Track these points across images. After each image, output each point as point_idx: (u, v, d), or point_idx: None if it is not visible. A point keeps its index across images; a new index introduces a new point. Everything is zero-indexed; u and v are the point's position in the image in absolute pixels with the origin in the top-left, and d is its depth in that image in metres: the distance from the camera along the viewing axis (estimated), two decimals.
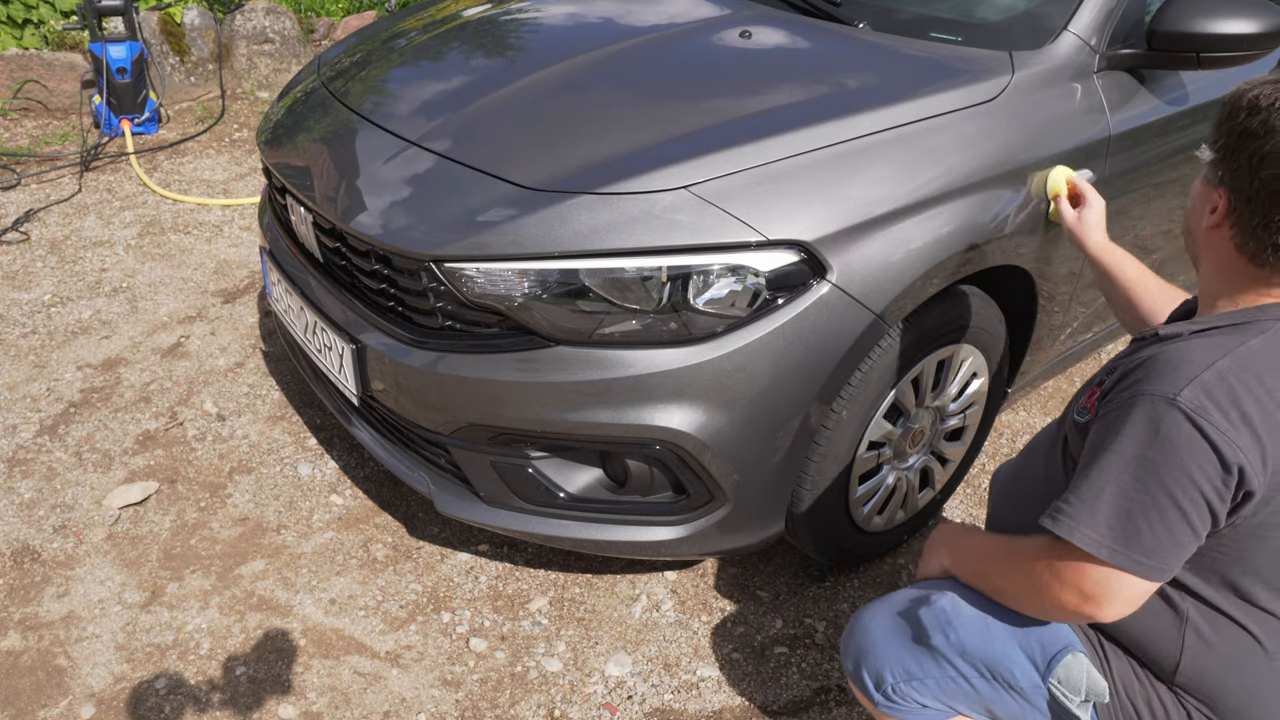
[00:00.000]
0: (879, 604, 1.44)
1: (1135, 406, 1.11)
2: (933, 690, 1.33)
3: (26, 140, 4.23)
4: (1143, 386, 1.12)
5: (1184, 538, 1.11)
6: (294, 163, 2.06)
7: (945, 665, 1.32)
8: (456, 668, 1.93)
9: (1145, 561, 1.11)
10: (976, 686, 1.31)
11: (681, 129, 1.77)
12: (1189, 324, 1.20)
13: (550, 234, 1.63)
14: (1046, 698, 1.28)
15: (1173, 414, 1.08)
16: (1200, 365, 1.10)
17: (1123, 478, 1.11)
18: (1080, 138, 1.94)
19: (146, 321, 3.01)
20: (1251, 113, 1.12)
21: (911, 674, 1.34)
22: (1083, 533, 1.12)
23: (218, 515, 2.28)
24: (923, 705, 1.35)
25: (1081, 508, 1.13)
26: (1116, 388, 1.18)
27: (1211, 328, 1.17)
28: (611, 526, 1.83)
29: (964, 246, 1.75)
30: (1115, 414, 1.14)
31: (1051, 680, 1.26)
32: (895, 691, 1.35)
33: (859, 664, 1.40)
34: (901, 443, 2.01)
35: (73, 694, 1.84)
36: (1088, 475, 1.14)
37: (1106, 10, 1.99)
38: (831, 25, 2.19)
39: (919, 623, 1.34)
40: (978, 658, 1.30)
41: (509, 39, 2.29)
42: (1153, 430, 1.09)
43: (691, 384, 1.64)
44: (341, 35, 5.04)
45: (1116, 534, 1.11)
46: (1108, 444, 1.13)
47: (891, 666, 1.35)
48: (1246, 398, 1.08)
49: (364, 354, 1.88)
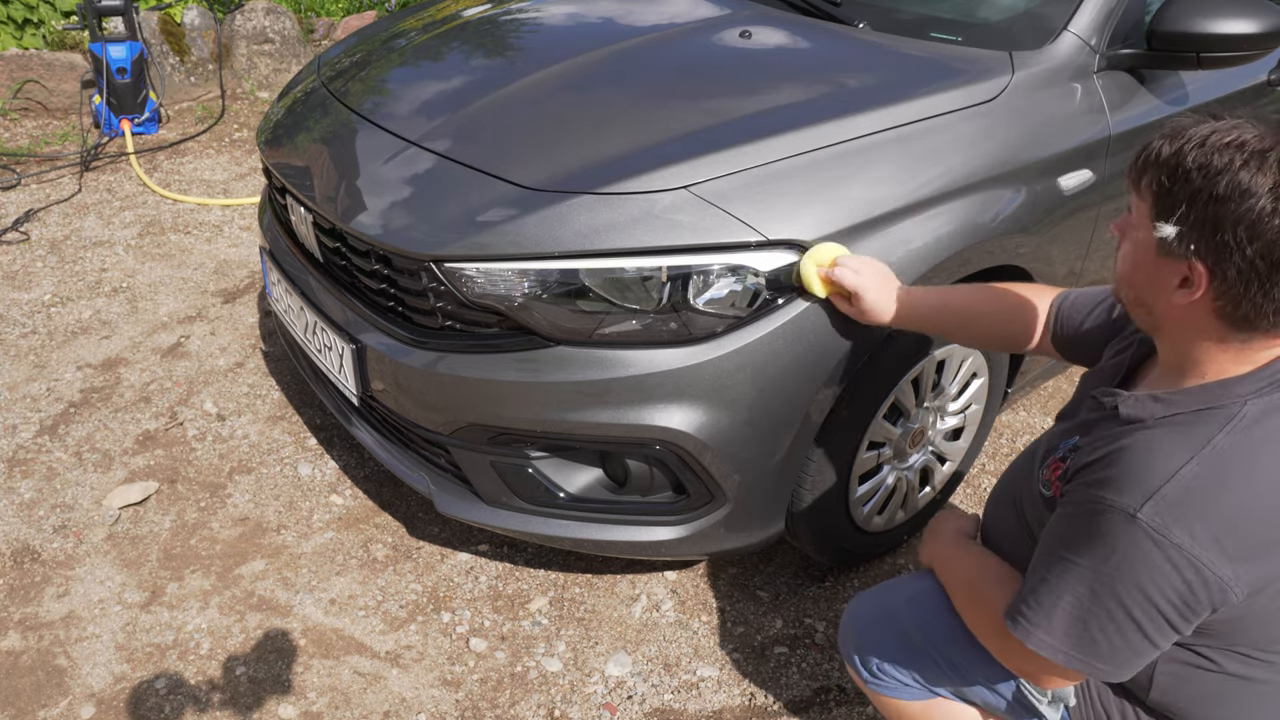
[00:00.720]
0: (871, 591, 1.53)
1: (1095, 517, 1.07)
2: (914, 674, 1.40)
3: (26, 140, 4.23)
4: (1104, 494, 1.07)
5: (1142, 649, 1.09)
6: (294, 163, 2.06)
7: (924, 654, 1.39)
8: (456, 668, 1.93)
9: (1102, 667, 1.11)
10: (950, 675, 1.38)
11: (681, 129, 1.77)
12: (1154, 404, 1.12)
13: (550, 234, 1.63)
14: (1014, 693, 1.32)
15: (1132, 531, 1.03)
16: (1164, 473, 1.03)
17: (1078, 589, 1.09)
18: (1080, 138, 1.94)
19: (146, 321, 3.01)
20: (1207, 174, 1.00)
21: (895, 658, 1.42)
22: (1038, 638, 1.13)
23: (218, 515, 2.28)
24: (904, 684, 1.42)
25: (1039, 614, 1.13)
26: (1079, 477, 1.14)
27: (1175, 414, 1.10)
28: (611, 526, 1.83)
29: (964, 246, 1.75)
30: (1074, 517, 1.11)
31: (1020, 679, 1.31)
32: (881, 670, 1.43)
33: (849, 643, 1.48)
34: (901, 443, 2.01)
35: (73, 694, 1.84)
36: (1046, 580, 1.13)
37: (1106, 10, 1.99)
38: (831, 25, 2.19)
39: (901, 614, 1.43)
40: (951, 653, 1.36)
41: (509, 39, 2.29)
42: (1111, 546, 1.05)
43: (691, 384, 1.64)
44: (341, 35, 5.04)
45: (1073, 641, 1.11)
46: (1065, 549, 1.11)
47: (875, 649, 1.43)
48: (1212, 512, 1.02)
49: (364, 354, 1.88)
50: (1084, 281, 2.15)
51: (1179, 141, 1.04)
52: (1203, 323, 1.08)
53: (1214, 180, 1.00)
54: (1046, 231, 1.92)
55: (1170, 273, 1.07)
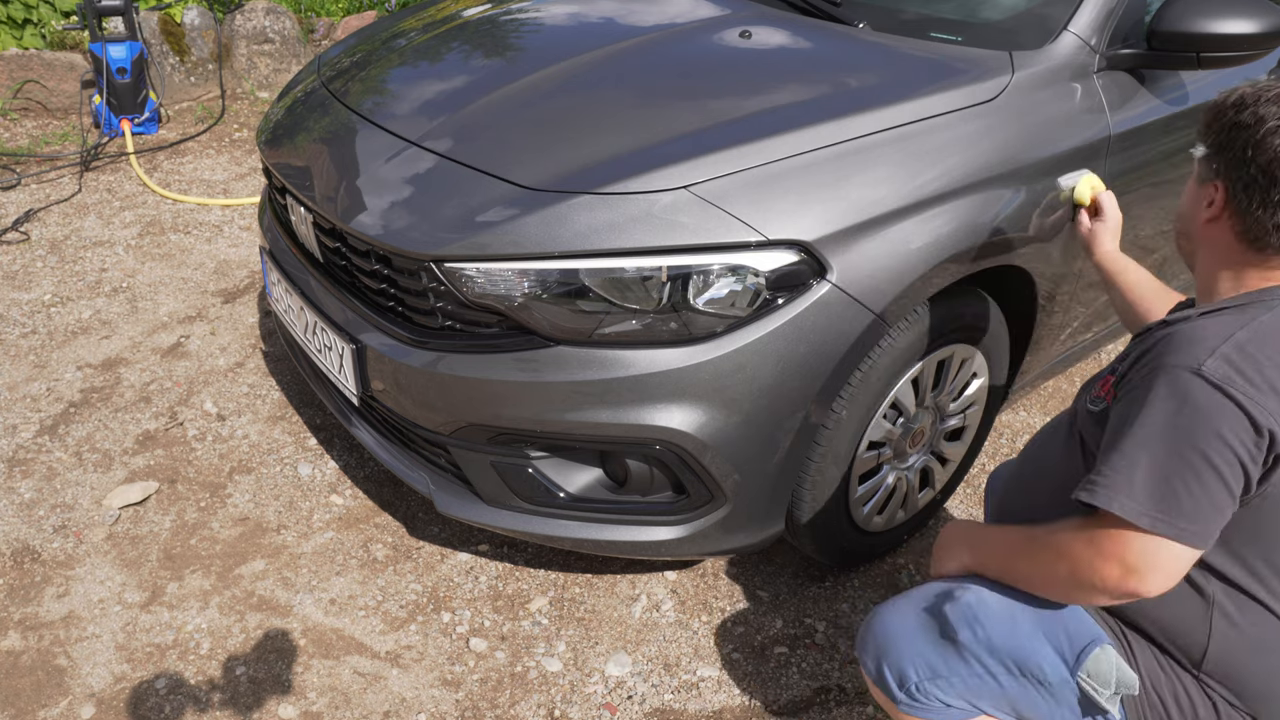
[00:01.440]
0: (899, 600, 1.40)
1: (1158, 379, 1.14)
2: (958, 689, 1.31)
3: (26, 140, 4.23)
4: (1163, 360, 1.14)
5: (1222, 501, 1.11)
6: (294, 163, 2.06)
7: (973, 662, 1.29)
8: (456, 668, 1.93)
9: (1188, 527, 1.11)
10: (1003, 683, 1.29)
11: (681, 129, 1.77)
12: (1195, 310, 1.23)
13: (550, 234, 1.63)
14: (1075, 692, 1.26)
15: (1198, 382, 1.10)
16: (1219, 338, 1.13)
17: (1156, 446, 1.12)
18: (1080, 138, 1.94)
19: (146, 321, 3.01)
20: (1239, 108, 1.20)
21: (937, 672, 1.31)
22: (1122, 502, 1.12)
23: (218, 515, 2.28)
24: (947, 705, 1.32)
25: (1117, 478, 1.14)
26: (1134, 369, 1.21)
27: (1219, 309, 1.21)
28: (611, 526, 1.83)
29: (964, 246, 1.75)
30: (1138, 390, 1.17)
31: (1081, 674, 1.25)
32: (919, 690, 1.32)
33: (880, 662, 1.36)
34: (902, 443, 2.01)
35: (73, 694, 1.84)
36: (1119, 448, 1.15)
37: (1106, 10, 1.99)
38: (831, 25, 2.19)
39: (944, 619, 1.32)
40: (1006, 653, 1.28)
41: (509, 39, 2.29)
42: (1181, 399, 1.11)
43: (691, 384, 1.64)
44: (341, 35, 5.04)
45: (1156, 501, 1.11)
46: (1135, 418, 1.15)
47: (915, 664, 1.32)
48: (1269, 365, 1.11)
49: (364, 354, 1.88)
50: (1084, 281, 2.15)
51: (1233, 92, 1.23)
52: (1225, 242, 1.26)
53: (1241, 112, 1.20)
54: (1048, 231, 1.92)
55: (1202, 196, 1.28)
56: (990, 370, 2.11)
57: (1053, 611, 1.29)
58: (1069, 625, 1.28)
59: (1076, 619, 1.29)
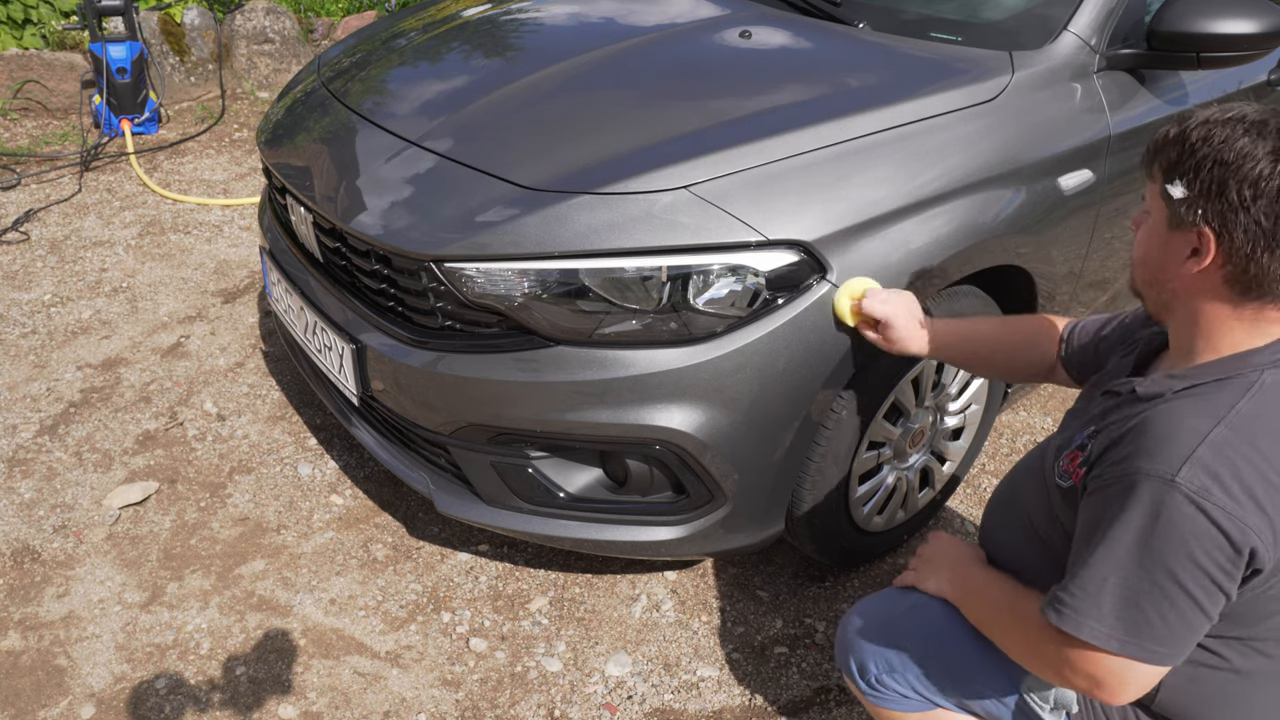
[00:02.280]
0: (870, 599, 1.49)
1: (1132, 489, 1.06)
2: (912, 683, 1.38)
3: (26, 140, 4.23)
4: (1137, 464, 1.06)
5: (1197, 622, 1.07)
6: (294, 163, 2.06)
7: (925, 663, 1.37)
8: (456, 668, 1.93)
9: (1158, 649, 1.07)
10: (953, 685, 1.36)
11: (681, 129, 1.77)
12: (1170, 380, 1.14)
13: (550, 234, 1.63)
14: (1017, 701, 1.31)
15: (1173, 496, 1.02)
16: (1195, 437, 1.04)
17: (1126, 566, 1.06)
18: (1080, 138, 1.94)
19: (146, 321, 3.01)
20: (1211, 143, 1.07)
21: (893, 667, 1.39)
22: (1091, 627, 1.08)
23: (218, 515, 2.28)
24: (904, 695, 1.39)
25: (1086, 600, 1.08)
26: (1104, 459, 1.13)
27: (1195, 385, 1.11)
28: (611, 526, 1.83)
29: (964, 246, 1.75)
30: (1110, 494, 1.09)
31: (1023, 687, 1.30)
32: (879, 682, 1.40)
33: (847, 654, 1.45)
34: (901, 443, 2.01)
35: (73, 694, 1.84)
36: (1088, 563, 1.09)
37: (1106, 10, 1.99)
38: (832, 25, 2.19)
39: (902, 624, 1.40)
40: (954, 662, 1.35)
41: (509, 39, 2.29)
42: (1154, 514, 1.03)
43: (691, 384, 1.64)
44: (341, 35, 5.04)
45: (1126, 625, 1.07)
46: (1105, 529, 1.08)
47: (874, 659, 1.41)
48: (1248, 471, 1.02)
49: (364, 354, 1.88)
50: (1084, 282, 2.15)
51: (1184, 123, 1.11)
52: (1213, 292, 1.12)
53: (1218, 148, 1.07)
54: (1046, 231, 1.92)
55: (1181, 245, 1.12)
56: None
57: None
58: None
59: None
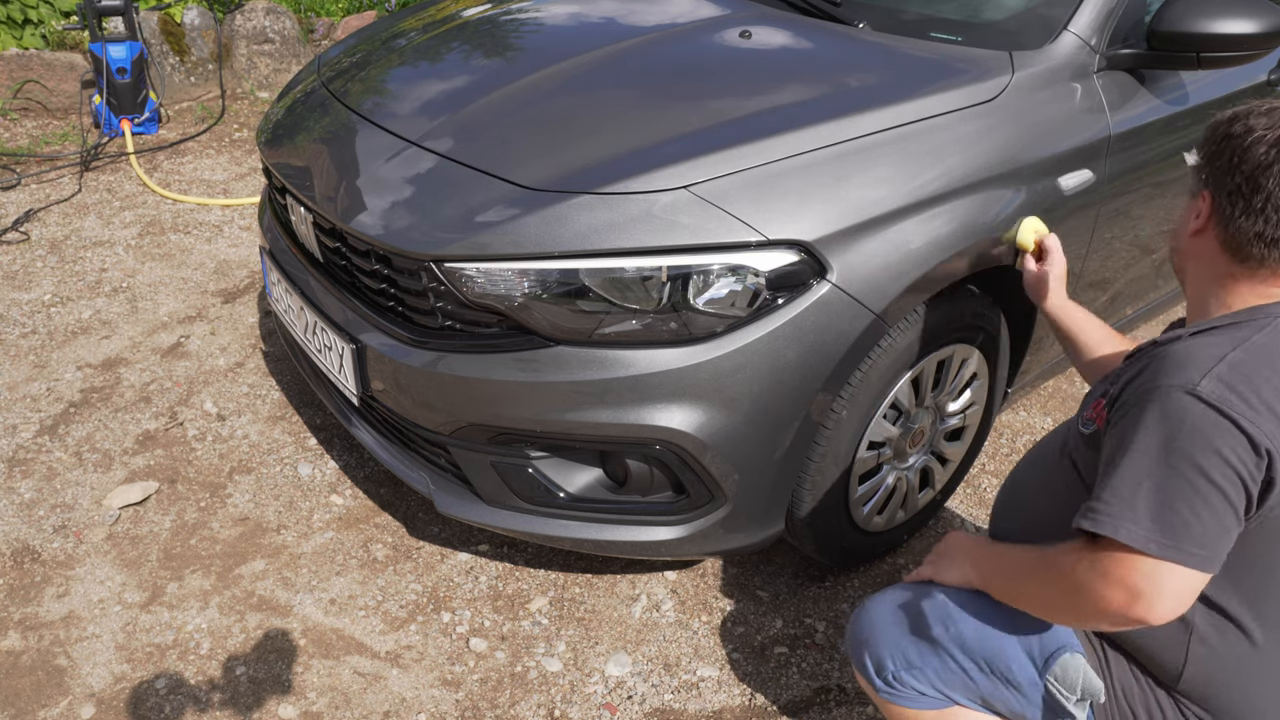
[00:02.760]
0: (883, 594, 1.46)
1: (1153, 401, 1.12)
2: (931, 679, 1.35)
3: (26, 140, 4.23)
4: (1157, 381, 1.13)
5: (1228, 522, 1.09)
6: (294, 163, 2.06)
7: (945, 657, 1.33)
8: (456, 668, 1.93)
9: (1197, 551, 1.08)
10: (974, 678, 1.32)
11: (681, 129, 1.77)
12: (1186, 329, 1.21)
13: (550, 234, 1.63)
14: (1043, 694, 1.28)
15: (1195, 404, 1.09)
16: (1212, 359, 1.12)
17: (1157, 470, 1.10)
18: (1080, 138, 1.94)
19: (146, 321, 3.01)
20: (1233, 121, 1.24)
21: (911, 663, 1.35)
22: (1128, 529, 1.09)
23: (218, 515, 2.28)
24: (921, 693, 1.36)
25: (1120, 505, 1.11)
26: (1126, 391, 1.18)
27: (1210, 328, 1.19)
28: (611, 526, 1.83)
29: (964, 246, 1.75)
30: (1133, 413, 1.14)
31: (1048, 677, 1.27)
32: (895, 679, 1.37)
33: (861, 651, 1.41)
34: (901, 443, 2.01)
35: (73, 694, 1.84)
36: (1118, 472, 1.12)
37: (1106, 10, 2.00)
38: (832, 25, 2.19)
39: (920, 614, 1.37)
40: (976, 651, 1.31)
41: (509, 39, 2.29)
42: (1178, 420, 1.09)
43: (691, 384, 1.64)
44: (341, 35, 5.04)
45: (1163, 528, 1.08)
46: (1133, 441, 1.12)
47: (892, 655, 1.37)
48: (1265, 386, 1.09)
49: (364, 354, 1.88)
50: (1084, 282, 2.15)
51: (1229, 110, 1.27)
52: (1211, 254, 1.27)
53: (1234, 124, 1.24)
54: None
55: (1192, 210, 1.30)
56: (990, 370, 2.11)
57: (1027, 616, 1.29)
58: (1041, 630, 1.29)
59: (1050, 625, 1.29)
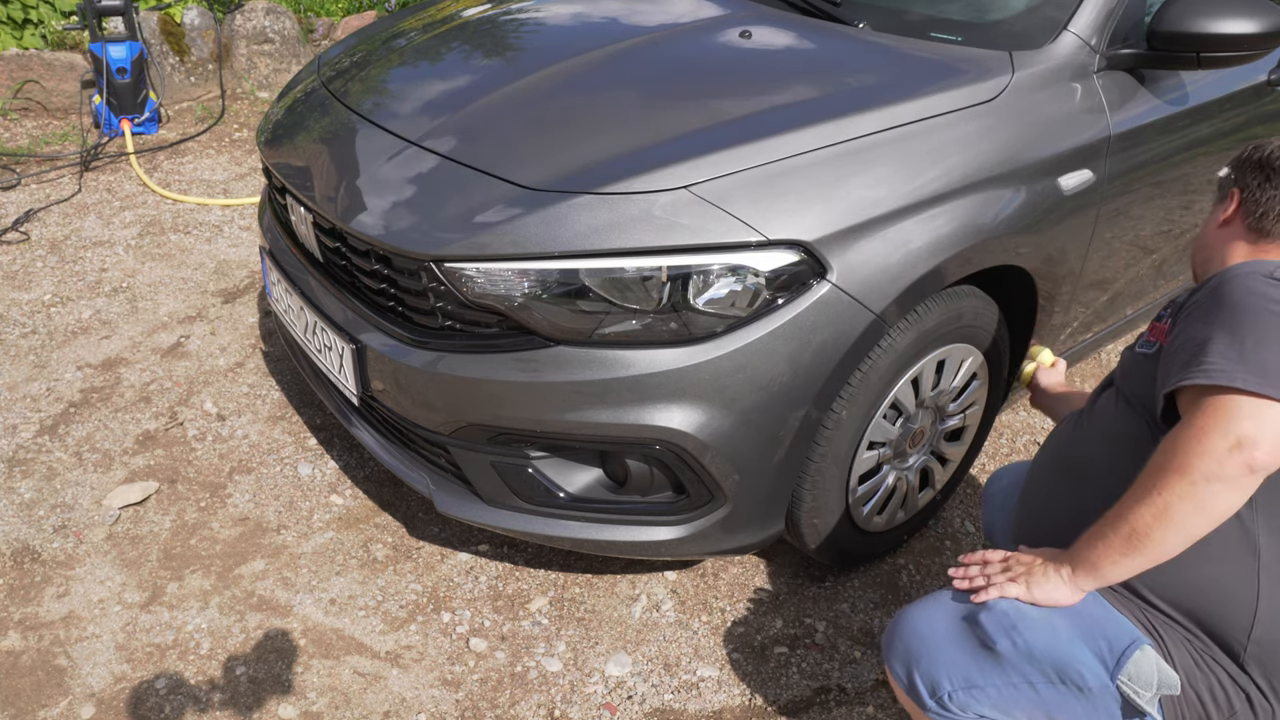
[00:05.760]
0: (928, 605, 1.35)
1: (1230, 284, 1.21)
2: (994, 699, 1.27)
3: (26, 140, 4.23)
4: (1230, 274, 1.23)
5: None
6: (294, 163, 2.06)
7: (1010, 672, 1.26)
8: (456, 668, 1.93)
9: None
10: (1041, 692, 1.26)
11: (681, 129, 1.77)
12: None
13: (550, 234, 1.63)
14: (1116, 697, 1.23)
15: (1262, 280, 1.19)
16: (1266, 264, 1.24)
17: (1246, 328, 1.15)
18: (1080, 137, 1.94)
19: (146, 321, 3.01)
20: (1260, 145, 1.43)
21: (972, 682, 1.27)
22: (1244, 377, 1.12)
23: (218, 515, 2.28)
24: (980, 716, 1.28)
25: (1228, 362, 1.13)
26: (1194, 295, 1.28)
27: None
28: (611, 526, 1.83)
29: (964, 246, 1.75)
30: (1208, 300, 1.23)
31: (1121, 677, 1.22)
32: (951, 700, 1.28)
33: (910, 669, 1.31)
34: (901, 443, 2.01)
35: (73, 694, 1.84)
36: (1213, 339, 1.17)
37: (1106, 10, 1.99)
38: (832, 25, 2.19)
39: (981, 627, 1.27)
40: (1046, 661, 1.24)
41: (509, 39, 2.29)
42: (1261, 291, 1.18)
43: (691, 384, 1.64)
44: (341, 35, 5.04)
45: (1275, 372, 1.11)
46: (1220, 316, 1.19)
47: (950, 674, 1.28)
48: None
49: (364, 354, 1.88)
50: (1084, 282, 2.15)
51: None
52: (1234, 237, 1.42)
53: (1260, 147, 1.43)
54: (1046, 231, 1.92)
55: (1220, 209, 1.46)
56: (990, 370, 2.11)
57: (1090, 615, 1.26)
58: (1107, 629, 1.25)
59: (1114, 622, 1.26)
